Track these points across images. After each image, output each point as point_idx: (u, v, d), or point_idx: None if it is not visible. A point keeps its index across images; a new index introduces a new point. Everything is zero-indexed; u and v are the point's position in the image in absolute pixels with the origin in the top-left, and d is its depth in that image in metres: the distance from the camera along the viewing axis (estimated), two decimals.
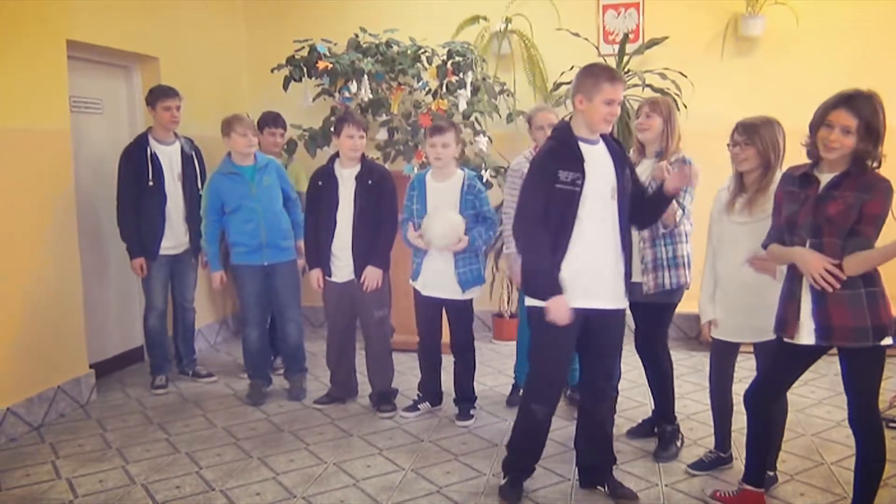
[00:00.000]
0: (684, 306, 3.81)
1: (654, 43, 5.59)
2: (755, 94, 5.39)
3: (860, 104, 2.67)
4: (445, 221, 3.98)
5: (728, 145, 3.27)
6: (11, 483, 3.52)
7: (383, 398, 4.42)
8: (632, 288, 3.72)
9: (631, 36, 5.72)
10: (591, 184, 3.04)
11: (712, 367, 3.53)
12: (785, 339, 2.88)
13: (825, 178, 2.77)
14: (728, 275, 3.26)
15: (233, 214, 4.46)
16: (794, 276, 2.85)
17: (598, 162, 3.10)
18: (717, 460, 3.55)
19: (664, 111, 3.67)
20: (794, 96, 5.47)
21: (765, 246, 2.99)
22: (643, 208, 3.25)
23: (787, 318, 2.86)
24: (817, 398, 4.51)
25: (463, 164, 5.20)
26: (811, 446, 3.83)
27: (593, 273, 3.09)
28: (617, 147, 3.18)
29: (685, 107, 5.32)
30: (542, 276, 3.08)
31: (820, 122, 2.74)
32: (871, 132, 2.67)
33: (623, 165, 3.14)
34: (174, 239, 4.75)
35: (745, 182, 3.22)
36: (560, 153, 3.09)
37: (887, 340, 2.73)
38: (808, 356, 2.90)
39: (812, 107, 2.81)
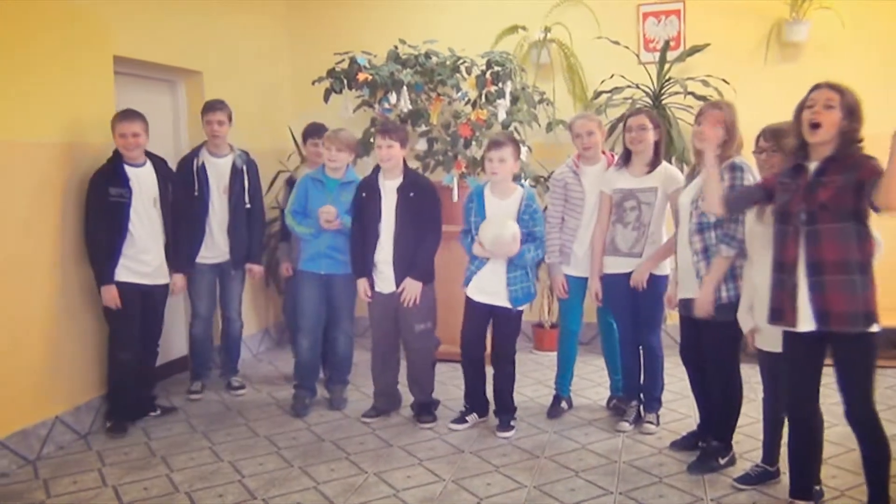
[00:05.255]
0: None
1: (695, 50, 5.53)
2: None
3: (837, 84, 2.80)
4: (500, 226, 3.98)
5: (753, 152, 3.23)
6: (59, 490, 3.59)
7: (424, 409, 4.41)
8: (687, 304, 3.67)
9: (672, 43, 5.67)
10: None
11: (763, 378, 3.46)
12: (786, 330, 2.90)
13: (813, 165, 2.82)
14: (765, 284, 3.19)
15: (307, 218, 4.51)
16: (784, 265, 2.85)
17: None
18: (763, 474, 3.47)
19: (728, 119, 3.51)
20: None
21: (725, 198, 3.11)
22: None
23: (783, 307, 2.87)
24: None
25: None
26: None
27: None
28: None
29: None
30: None
31: (800, 108, 2.84)
32: (853, 112, 2.76)
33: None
34: (215, 249, 4.80)
35: None
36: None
37: (875, 327, 2.76)
38: (813, 345, 2.88)
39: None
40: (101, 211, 4.13)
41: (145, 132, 4.24)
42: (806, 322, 2.81)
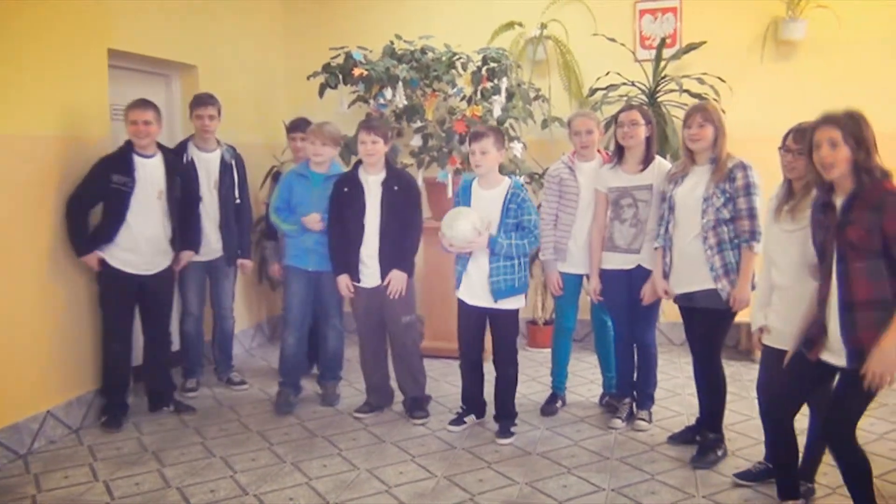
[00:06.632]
0: None
1: (691, 48, 5.52)
2: (796, 99, 5.28)
3: (836, 117, 2.70)
4: (454, 217, 3.95)
5: (779, 149, 3.20)
6: (51, 484, 3.58)
7: (416, 404, 4.40)
8: (693, 295, 3.70)
9: (668, 41, 5.66)
10: None
11: (761, 375, 3.43)
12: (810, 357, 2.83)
13: (839, 201, 2.75)
14: (784, 284, 3.18)
15: (292, 215, 4.49)
16: (822, 298, 2.80)
17: None
18: (765, 472, 3.44)
19: (715, 118, 3.63)
20: (837, 102, 5.34)
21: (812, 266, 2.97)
22: None
23: (814, 338, 2.82)
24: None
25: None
26: None
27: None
28: None
29: (723, 112, 5.25)
30: None
31: (809, 149, 2.76)
32: (859, 142, 2.66)
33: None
34: (206, 246, 4.74)
35: (794, 189, 3.17)
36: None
37: None
38: (824, 372, 2.84)
39: None
40: (95, 193, 4.14)
41: (157, 122, 4.25)
42: (830, 356, 2.76)
